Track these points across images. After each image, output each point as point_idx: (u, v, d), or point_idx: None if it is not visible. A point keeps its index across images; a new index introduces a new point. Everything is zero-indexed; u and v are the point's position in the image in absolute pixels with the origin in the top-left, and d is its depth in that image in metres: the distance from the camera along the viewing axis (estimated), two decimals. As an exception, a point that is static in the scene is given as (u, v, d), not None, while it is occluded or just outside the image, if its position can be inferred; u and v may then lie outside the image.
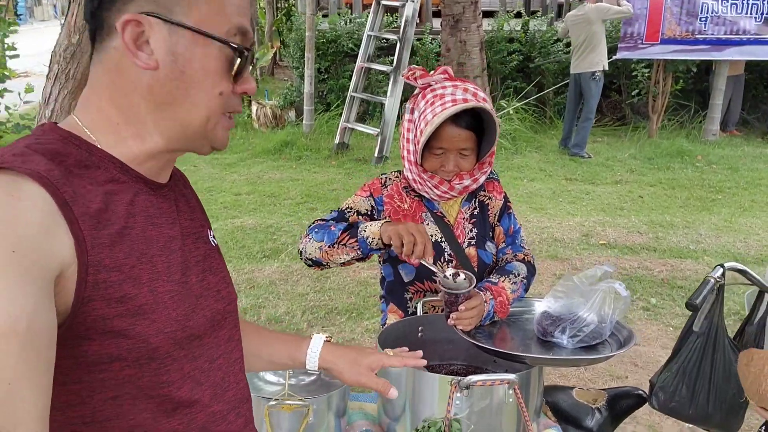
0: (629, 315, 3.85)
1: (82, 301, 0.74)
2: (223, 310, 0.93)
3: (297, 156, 7.31)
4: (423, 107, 1.60)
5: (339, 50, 8.60)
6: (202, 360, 0.88)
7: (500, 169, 6.87)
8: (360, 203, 1.74)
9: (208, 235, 0.96)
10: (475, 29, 7.44)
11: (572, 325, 1.53)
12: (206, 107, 0.83)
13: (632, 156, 7.39)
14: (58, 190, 0.73)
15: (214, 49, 0.81)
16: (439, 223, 1.75)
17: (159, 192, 0.87)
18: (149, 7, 0.79)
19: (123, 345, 0.77)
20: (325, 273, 4.42)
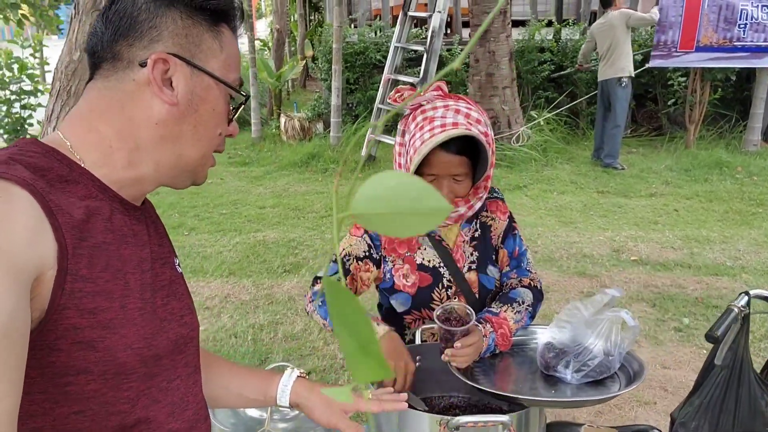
0: (660, 336, 3.67)
1: (57, 308, 0.75)
2: (186, 335, 0.96)
3: (323, 168, 7.28)
4: (413, 130, 1.51)
5: (367, 62, 8.57)
6: (159, 379, 0.90)
7: (529, 181, 6.72)
8: (356, 246, 1.65)
9: (174, 263, 0.99)
10: (504, 39, 7.35)
11: (577, 358, 1.41)
12: (207, 145, 0.92)
13: (668, 167, 7.15)
14: (44, 197, 0.76)
15: (223, 94, 0.92)
16: (437, 247, 1.65)
17: (133, 214, 0.91)
18: (175, 49, 0.87)
19: (91, 357, 0.79)
20: (345, 289, 4.34)
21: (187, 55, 0.88)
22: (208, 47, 0.90)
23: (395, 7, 9.44)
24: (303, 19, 13.64)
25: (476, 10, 7.23)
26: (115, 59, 0.88)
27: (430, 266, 1.64)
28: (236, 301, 4.19)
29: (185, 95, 0.88)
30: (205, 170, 0.96)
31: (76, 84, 2.18)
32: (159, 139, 0.88)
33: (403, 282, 1.65)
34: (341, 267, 1.67)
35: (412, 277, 1.64)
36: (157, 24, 0.87)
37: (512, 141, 7.38)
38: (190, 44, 0.88)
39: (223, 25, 0.92)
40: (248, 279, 4.52)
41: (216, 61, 0.90)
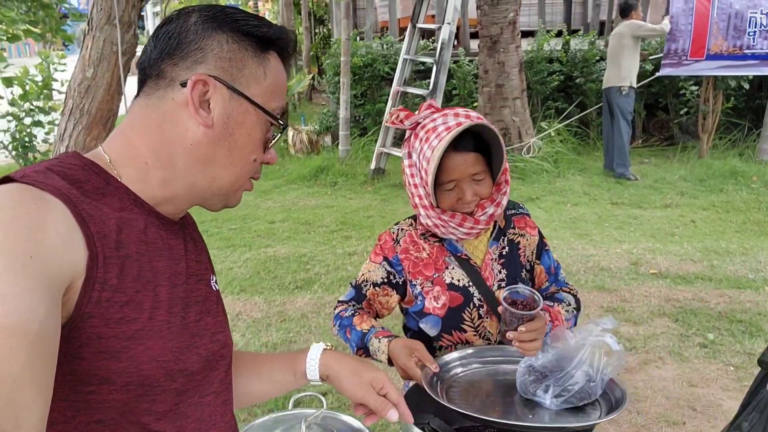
0: (685, 353, 3.56)
1: (82, 316, 0.75)
2: (218, 353, 0.95)
3: (332, 182, 7.21)
4: (419, 146, 1.47)
5: (375, 74, 8.52)
6: (189, 395, 0.89)
7: (542, 193, 6.63)
8: (374, 272, 1.63)
9: (211, 280, 0.99)
10: (513, 50, 7.29)
11: (557, 383, 1.37)
12: (240, 169, 0.92)
13: (682, 178, 7.06)
14: (76, 207, 0.77)
15: (260, 121, 0.91)
16: (464, 266, 1.59)
17: (170, 228, 0.92)
18: (216, 72, 0.87)
19: (113, 368, 0.78)
20: (359, 305, 4.26)
21: (228, 79, 0.88)
22: (251, 73, 0.89)
23: (402, 19, 9.41)
24: (308, 33, 13.64)
25: (485, 20, 7.18)
26: (159, 77, 0.89)
27: (459, 285, 1.59)
28: (248, 318, 4.11)
29: (221, 118, 0.88)
30: (239, 194, 0.95)
31: (90, 102, 2.12)
32: (193, 160, 0.89)
33: (433, 305, 1.58)
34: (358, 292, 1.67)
35: (443, 298, 1.58)
36: (202, 46, 0.87)
37: (523, 152, 7.30)
38: (233, 68, 0.88)
39: (271, 52, 0.92)
40: (260, 296, 4.44)
41: (258, 87, 0.90)
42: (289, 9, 11.65)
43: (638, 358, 3.53)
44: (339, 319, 1.64)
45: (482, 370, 1.56)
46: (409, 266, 1.60)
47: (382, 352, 1.52)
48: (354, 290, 1.67)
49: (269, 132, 0.93)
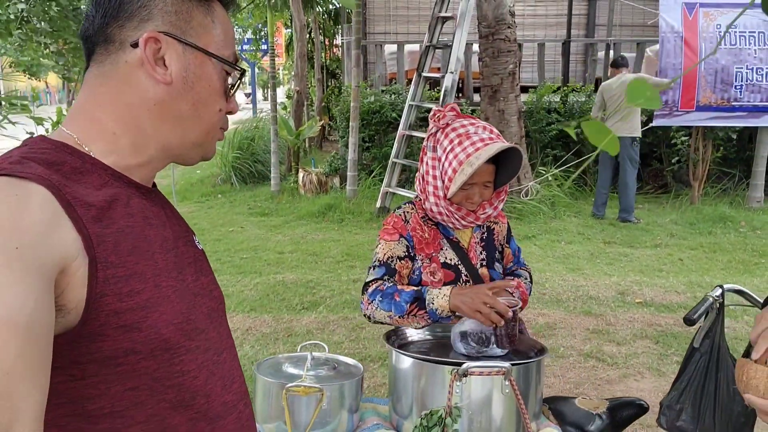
0: (663, 368, 3.83)
1: (96, 297, 0.77)
2: (217, 308, 0.99)
3: (339, 219, 7.57)
4: (448, 145, 1.75)
5: (383, 120, 9.00)
6: (211, 352, 0.92)
7: (538, 231, 6.96)
8: (396, 249, 1.84)
9: (194, 240, 1.01)
10: (513, 99, 7.75)
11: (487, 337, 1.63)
12: (208, 122, 0.93)
13: (673, 221, 7.38)
14: (60, 191, 0.77)
15: (218, 70, 0.91)
16: (455, 248, 1.89)
17: (149, 196, 0.93)
18: (166, 27, 0.87)
19: (137, 338, 0.80)
20: (361, 323, 4.55)
21: (178, 33, 0.87)
22: (200, 23, 0.89)
23: (409, 71, 9.96)
24: (321, 84, 14.29)
25: (486, 72, 7.67)
26: (107, 42, 0.87)
27: (451, 264, 1.87)
28: (257, 333, 4.40)
29: (179, 73, 0.88)
30: (213, 144, 0.96)
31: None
32: (160, 120, 0.89)
33: (430, 278, 1.85)
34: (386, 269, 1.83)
35: (439, 274, 1.86)
36: (146, 3, 0.86)
37: (521, 195, 7.67)
38: (181, 21, 0.88)
39: (211, 5, 0.92)
40: (269, 314, 4.75)
41: (209, 36, 0.90)
42: (303, 61, 12.29)
43: (618, 373, 3.79)
44: (379, 292, 1.77)
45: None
46: (416, 242, 1.86)
47: (444, 296, 1.68)
48: (383, 267, 1.82)
49: (227, 80, 0.93)
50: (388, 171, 7.67)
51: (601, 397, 1.81)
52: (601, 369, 3.83)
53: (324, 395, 1.50)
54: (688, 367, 1.88)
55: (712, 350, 1.84)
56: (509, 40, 7.52)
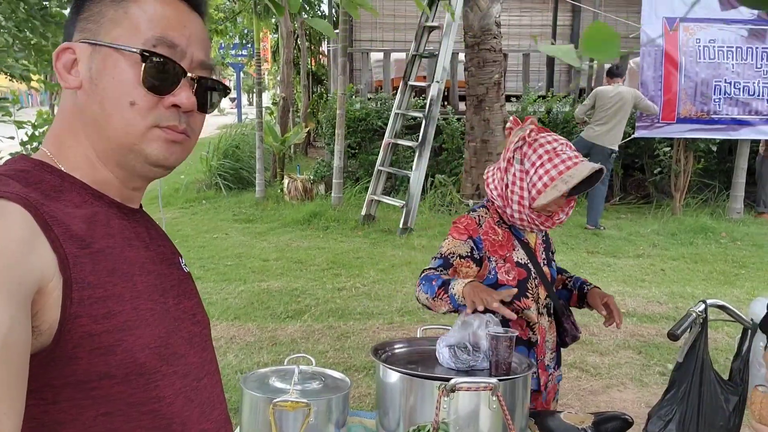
0: (645, 379, 3.87)
1: (70, 318, 0.75)
2: (200, 333, 0.96)
3: (324, 226, 7.56)
4: (537, 160, 1.87)
5: (368, 128, 9.02)
6: (190, 378, 0.90)
7: (522, 241, 6.99)
8: (459, 247, 1.96)
9: (180, 262, 0.99)
10: (498, 108, 7.80)
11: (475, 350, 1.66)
12: (120, 118, 0.85)
13: (655, 232, 7.46)
14: (38, 210, 0.75)
15: (125, 61, 0.85)
16: (525, 248, 2.03)
17: (131, 217, 0.91)
18: (80, 36, 0.87)
19: (111, 361, 0.78)
20: (346, 332, 4.54)
21: (90, 37, 0.86)
22: (110, 19, 0.86)
23: (395, 79, 10.00)
24: (306, 91, 14.28)
25: (472, 81, 7.72)
26: None
27: (523, 263, 2.01)
28: (241, 342, 4.38)
29: (86, 74, 0.86)
30: (151, 146, 0.87)
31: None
32: (85, 127, 0.87)
33: (506, 277, 1.98)
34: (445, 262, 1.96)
35: (513, 273, 1.99)
36: (73, 20, 0.89)
37: (506, 204, 7.71)
38: (93, 23, 0.87)
39: None
40: (253, 323, 4.72)
41: (118, 29, 0.86)
42: (290, 67, 12.28)
43: (602, 383, 3.82)
44: (425, 277, 1.91)
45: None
46: (488, 246, 1.98)
47: (462, 283, 1.81)
48: (442, 260, 1.95)
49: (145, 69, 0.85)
50: (374, 179, 7.68)
51: (586, 411, 1.83)
52: (584, 380, 3.86)
53: (311, 410, 1.49)
54: (676, 380, 1.91)
55: (696, 364, 1.86)
56: (495, 50, 7.58)
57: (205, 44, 0.92)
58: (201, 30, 0.92)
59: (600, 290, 2.13)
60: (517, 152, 1.93)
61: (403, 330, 4.60)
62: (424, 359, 1.76)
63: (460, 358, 1.67)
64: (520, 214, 1.94)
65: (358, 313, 4.92)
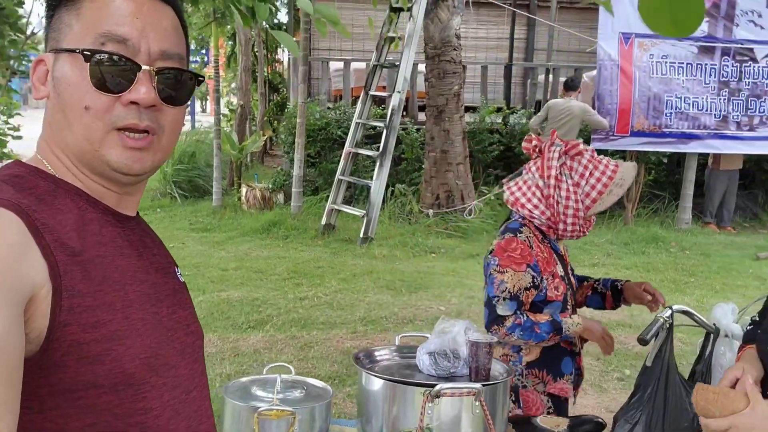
0: (604, 385, 3.97)
1: (58, 326, 0.74)
2: (193, 344, 0.95)
3: (284, 235, 7.51)
4: (585, 171, 1.97)
5: (328, 137, 9.02)
6: (179, 390, 0.88)
7: (482, 251, 7.07)
8: (522, 279, 1.94)
9: (176, 272, 0.98)
10: (457, 119, 7.91)
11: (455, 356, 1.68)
12: (80, 124, 0.84)
13: (609, 241, 7.67)
14: (29, 216, 0.75)
15: (76, 64, 0.83)
16: (561, 261, 2.10)
17: (126, 225, 0.91)
18: (49, 45, 0.88)
19: (99, 371, 0.77)
20: (310, 342, 4.52)
21: (54, 45, 0.86)
22: (66, 24, 0.86)
23: (355, 88, 10.04)
24: (264, 98, 14.19)
25: (432, 92, 7.81)
26: None
27: (563, 276, 2.07)
28: (203, 352, 4.30)
29: (50, 83, 0.86)
30: (111, 153, 0.85)
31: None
32: (56, 135, 0.86)
33: (554, 293, 2.01)
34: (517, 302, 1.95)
35: (560, 287, 2.03)
36: (46, 33, 0.89)
37: (465, 213, 7.82)
38: (56, 32, 0.87)
39: None
40: (214, 333, 4.65)
41: (72, 33, 0.85)
42: (248, 75, 12.19)
43: (563, 389, 3.90)
44: (517, 326, 1.91)
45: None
46: (542, 266, 1.99)
47: (577, 323, 1.96)
48: (513, 302, 1.93)
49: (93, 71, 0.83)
50: (334, 188, 7.68)
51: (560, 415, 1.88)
52: (546, 386, 3.94)
53: (296, 418, 1.49)
54: (641, 384, 1.97)
55: (662, 368, 1.93)
56: (455, 61, 7.70)
57: (168, 33, 0.88)
58: (162, 19, 0.88)
59: (632, 282, 2.22)
60: (563, 168, 1.98)
61: (367, 339, 4.60)
62: (403, 367, 1.77)
63: (441, 365, 1.69)
64: (574, 226, 2.00)
65: (321, 323, 4.91)
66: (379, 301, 5.39)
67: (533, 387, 2.04)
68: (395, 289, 5.70)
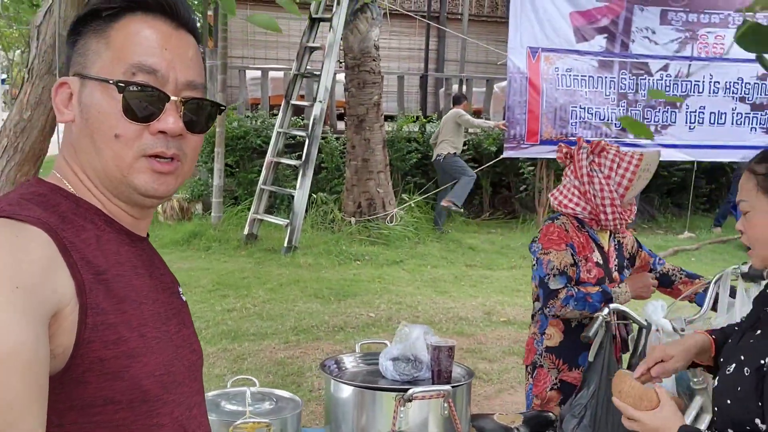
0: (531, 382, 4.17)
1: (83, 343, 0.77)
2: (195, 362, 0.98)
3: (206, 246, 7.35)
4: (612, 164, 2.24)
5: (247, 146, 8.91)
6: (184, 407, 0.91)
7: (405, 257, 7.24)
8: (566, 257, 2.22)
9: (179, 291, 1.01)
10: (378, 128, 8.04)
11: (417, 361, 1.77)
12: (109, 151, 0.86)
13: (524, 245, 7.98)
14: (57, 235, 0.78)
15: (107, 93, 0.86)
16: (599, 249, 2.33)
17: (139, 245, 0.93)
18: (75, 69, 0.89)
19: (117, 387, 0.80)
20: (242, 354, 4.47)
21: (80, 70, 0.88)
22: (94, 51, 0.88)
23: (272, 97, 9.97)
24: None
25: (353, 101, 7.90)
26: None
27: (600, 263, 2.30)
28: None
29: (77, 108, 0.88)
30: (139, 177, 0.87)
31: (24, 141, 2.35)
32: (81, 160, 0.89)
33: (587, 276, 2.26)
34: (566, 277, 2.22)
35: (594, 271, 2.27)
36: (69, 56, 0.91)
37: (387, 221, 7.94)
38: (80, 56, 0.89)
39: (111, 26, 0.88)
40: (141, 350, 4.50)
41: (100, 61, 0.87)
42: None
43: (494, 388, 4.07)
44: (571, 298, 2.16)
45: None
46: (578, 248, 2.25)
47: (625, 292, 2.22)
48: (564, 276, 2.20)
49: (126, 100, 0.85)
50: (256, 198, 7.60)
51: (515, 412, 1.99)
52: (478, 385, 4.08)
53: (271, 429, 1.51)
54: (587, 379, 2.11)
55: (604, 364, 2.08)
56: (374, 71, 7.83)
57: (192, 63, 0.92)
58: (187, 49, 0.91)
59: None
60: (593, 165, 2.25)
61: (300, 349, 4.61)
62: (367, 373, 1.83)
63: (404, 371, 1.76)
64: (614, 214, 2.25)
65: (252, 334, 4.86)
66: (309, 309, 5.40)
67: (548, 369, 2.32)
68: (323, 298, 5.73)
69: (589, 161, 2.26)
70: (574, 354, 2.29)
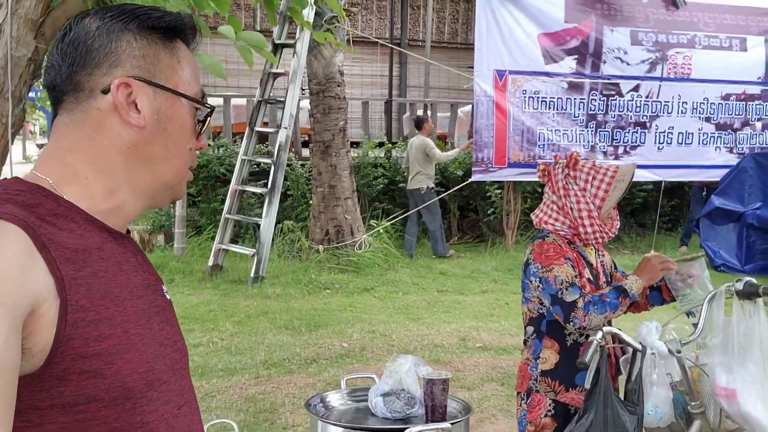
0: (513, 409, 4.03)
1: (63, 340, 0.76)
2: (180, 360, 0.97)
3: (169, 279, 7.08)
4: (587, 176, 2.23)
5: (210, 175, 8.72)
6: (171, 405, 0.90)
7: (376, 284, 7.11)
8: (569, 270, 2.20)
9: (162, 290, 1.01)
10: (344, 154, 7.95)
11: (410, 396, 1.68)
12: (180, 161, 0.94)
13: (494, 268, 7.97)
14: (35, 232, 0.77)
15: (187, 109, 0.94)
16: (589, 266, 2.31)
17: (121, 242, 0.92)
18: (135, 72, 0.89)
19: (99, 385, 0.79)
20: (211, 392, 4.26)
21: (147, 76, 0.89)
22: (167, 65, 0.92)
23: (235, 125, 9.82)
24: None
25: (318, 128, 7.81)
26: (76, 91, 0.89)
27: (591, 279, 2.28)
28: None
29: (152, 116, 0.90)
30: (183, 186, 0.97)
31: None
32: (133, 164, 0.90)
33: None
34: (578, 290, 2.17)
35: (587, 288, 2.23)
36: (113, 49, 0.88)
37: (356, 248, 7.81)
38: (149, 64, 0.90)
39: (177, 40, 0.94)
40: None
41: (177, 77, 0.92)
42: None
43: (475, 417, 3.93)
44: (589, 304, 2.11)
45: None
46: (574, 261, 2.23)
47: (636, 280, 2.19)
48: (575, 287, 2.15)
49: (196, 118, 0.95)
50: (221, 227, 7.40)
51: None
52: (458, 415, 3.96)
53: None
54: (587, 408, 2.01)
55: (598, 389, 1.99)
56: (339, 97, 7.76)
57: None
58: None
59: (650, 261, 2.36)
60: (568, 178, 2.27)
61: (272, 383, 4.42)
62: (355, 411, 1.70)
63: (396, 408, 1.63)
64: (593, 227, 2.23)
65: (220, 370, 4.65)
66: (279, 342, 5.22)
67: (544, 393, 2.24)
68: (294, 329, 5.54)
69: (564, 175, 2.28)
70: (570, 374, 2.22)
